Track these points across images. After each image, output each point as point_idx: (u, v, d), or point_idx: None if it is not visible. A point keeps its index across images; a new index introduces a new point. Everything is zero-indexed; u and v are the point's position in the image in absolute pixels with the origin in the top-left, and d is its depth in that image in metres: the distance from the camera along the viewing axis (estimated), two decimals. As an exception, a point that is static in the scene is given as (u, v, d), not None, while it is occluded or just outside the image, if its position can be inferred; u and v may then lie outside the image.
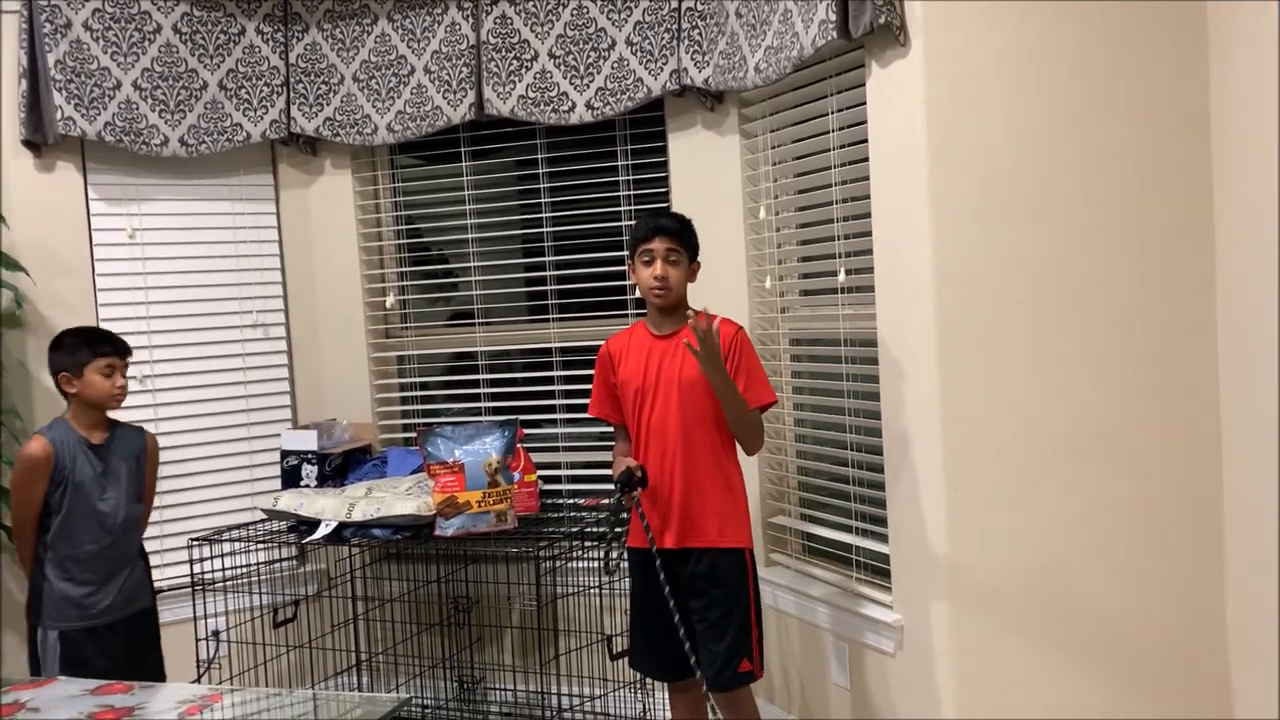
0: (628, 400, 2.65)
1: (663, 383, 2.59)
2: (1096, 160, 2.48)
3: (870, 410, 2.85)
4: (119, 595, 2.75)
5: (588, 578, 3.28)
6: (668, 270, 2.56)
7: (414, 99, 3.48)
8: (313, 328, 3.76)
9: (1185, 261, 2.50)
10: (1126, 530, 2.50)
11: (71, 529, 2.67)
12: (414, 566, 3.57)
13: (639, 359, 2.63)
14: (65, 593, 2.68)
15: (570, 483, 3.60)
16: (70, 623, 2.67)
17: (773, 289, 3.23)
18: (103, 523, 2.72)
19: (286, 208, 3.72)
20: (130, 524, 2.79)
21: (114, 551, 2.74)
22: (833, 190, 2.92)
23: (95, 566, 2.71)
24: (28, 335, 3.28)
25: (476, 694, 3.57)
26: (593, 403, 2.76)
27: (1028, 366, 2.51)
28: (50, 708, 1.99)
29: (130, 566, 2.79)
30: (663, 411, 2.58)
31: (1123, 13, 2.47)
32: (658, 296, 2.58)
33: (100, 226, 3.41)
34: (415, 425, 3.62)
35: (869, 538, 2.90)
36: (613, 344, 2.72)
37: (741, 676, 2.56)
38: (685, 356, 2.53)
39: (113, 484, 2.74)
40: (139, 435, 2.89)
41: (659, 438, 2.58)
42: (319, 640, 3.42)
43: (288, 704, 2.22)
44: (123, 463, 2.78)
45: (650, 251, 2.57)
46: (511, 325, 3.73)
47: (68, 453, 2.67)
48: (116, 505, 2.74)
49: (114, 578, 2.74)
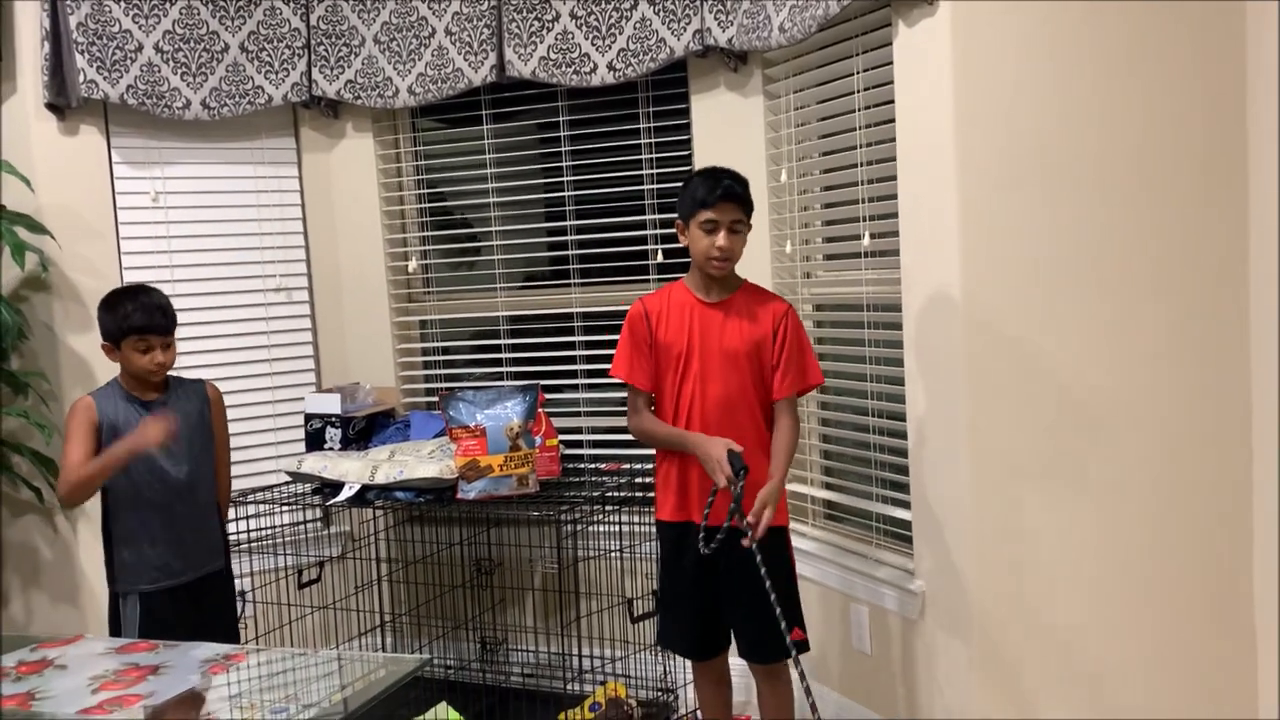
0: (664, 367, 2.49)
1: (706, 352, 2.45)
2: (1127, 122, 2.43)
3: (893, 376, 2.83)
4: (191, 556, 2.66)
5: (609, 541, 3.29)
6: (733, 243, 2.39)
7: (435, 61, 3.45)
8: (336, 292, 3.77)
9: (1217, 229, 2.45)
10: (1153, 500, 2.47)
11: (133, 491, 2.60)
12: (437, 529, 3.60)
13: (681, 323, 2.48)
14: (136, 556, 2.61)
15: (592, 448, 3.61)
16: (146, 585, 2.60)
17: (794, 253, 3.20)
18: (165, 481, 2.62)
19: (309, 171, 3.72)
20: (195, 482, 2.68)
21: (180, 511, 2.64)
22: (857, 153, 2.88)
23: (163, 527, 2.62)
24: (54, 299, 3.31)
25: (499, 655, 3.60)
26: (619, 364, 2.54)
27: (1054, 332, 2.48)
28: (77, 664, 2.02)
29: (202, 525, 2.70)
30: (706, 383, 2.44)
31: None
32: (716, 268, 2.42)
33: (124, 190, 3.42)
34: (438, 389, 3.63)
35: (890, 504, 2.89)
36: (650, 303, 2.53)
37: (794, 646, 2.43)
38: (733, 326, 2.44)
39: (173, 441, 2.60)
40: (199, 388, 2.76)
41: (700, 410, 2.44)
42: (343, 601, 3.46)
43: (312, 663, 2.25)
44: (182, 418, 2.65)
45: (714, 221, 2.38)
46: (533, 290, 3.72)
47: (114, 412, 2.59)
48: (177, 463, 2.64)
49: (184, 538, 2.65)
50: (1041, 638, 2.53)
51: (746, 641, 2.54)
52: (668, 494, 2.54)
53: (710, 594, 2.52)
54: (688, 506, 2.50)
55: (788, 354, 2.45)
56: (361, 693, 1.92)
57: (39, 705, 1.84)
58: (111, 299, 2.66)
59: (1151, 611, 2.48)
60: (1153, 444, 2.47)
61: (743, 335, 2.45)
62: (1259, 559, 2.46)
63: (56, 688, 1.93)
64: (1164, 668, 2.48)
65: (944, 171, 2.50)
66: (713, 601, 2.52)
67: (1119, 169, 2.43)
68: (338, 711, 1.85)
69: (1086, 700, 2.51)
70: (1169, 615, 2.47)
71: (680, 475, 2.50)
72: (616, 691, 3.17)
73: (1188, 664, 2.47)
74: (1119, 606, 2.49)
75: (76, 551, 3.34)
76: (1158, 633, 2.48)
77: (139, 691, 1.88)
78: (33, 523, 3.38)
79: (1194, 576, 2.47)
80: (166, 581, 2.62)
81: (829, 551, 3.06)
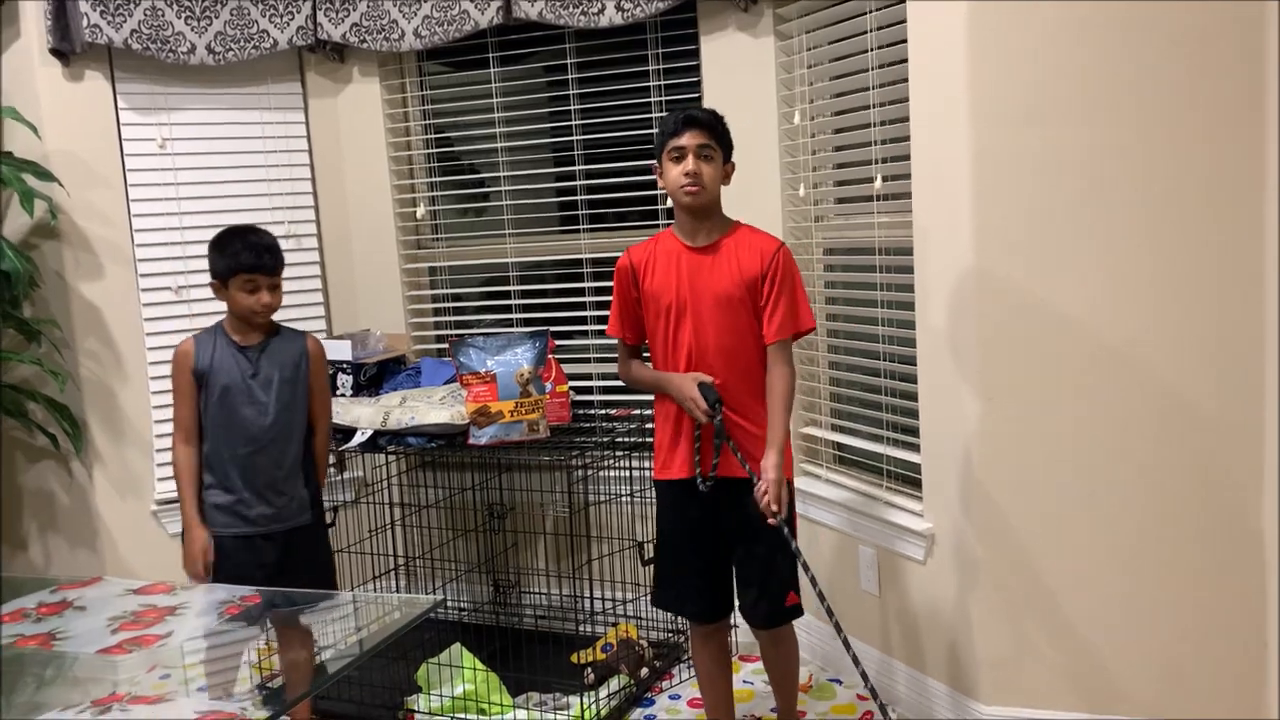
0: (654, 317, 2.44)
1: (698, 299, 2.37)
2: (1143, 59, 2.38)
3: (903, 320, 2.82)
4: (273, 508, 2.60)
5: (619, 486, 3.32)
6: (700, 166, 2.32)
7: (441, 3, 3.40)
8: (344, 238, 3.76)
9: (1235, 169, 2.40)
10: (1162, 445, 2.46)
11: (218, 433, 2.57)
12: (449, 474, 3.62)
13: (668, 271, 2.41)
14: (214, 499, 2.58)
15: (601, 394, 3.62)
16: (221, 529, 2.57)
17: (806, 197, 3.17)
18: (248, 429, 2.57)
19: (315, 117, 3.69)
20: (283, 433, 2.61)
21: (263, 461, 2.58)
22: (870, 94, 2.84)
23: (242, 475, 2.57)
24: (63, 246, 3.31)
25: (511, 597, 3.65)
26: (611, 321, 2.53)
27: (1066, 274, 2.46)
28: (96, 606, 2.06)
29: (288, 479, 2.63)
30: (699, 331, 2.38)
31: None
32: (688, 195, 2.34)
33: (130, 136, 3.40)
34: (447, 336, 3.63)
35: (900, 447, 2.89)
36: (635, 254, 2.47)
37: (789, 611, 2.47)
38: (722, 270, 2.38)
39: (262, 389, 2.58)
40: (299, 339, 2.69)
41: (696, 359, 2.39)
42: (357, 545, 3.50)
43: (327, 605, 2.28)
44: (275, 368, 2.60)
45: (681, 148, 2.33)
46: (542, 236, 3.70)
47: (211, 352, 2.56)
48: (264, 412, 2.58)
49: (266, 489, 2.59)
50: (1047, 581, 2.55)
51: (747, 605, 2.52)
52: (660, 454, 2.49)
53: (709, 552, 2.48)
54: (686, 465, 2.44)
55: (776, 292, 2.36)
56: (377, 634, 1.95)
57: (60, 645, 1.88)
58: (222, 239, 2.61)
59: (1159, 556, 2.48)
60: (1163, 389, 2.45)
61: (733, 279, 2.37)
62: (1266, 497, 2.45)
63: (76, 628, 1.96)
64: (1172, 612, 2.48)
65: (957, 110, 2.46)
66: (712, 560, 2.49)
67: (1134, 106, 2.39)
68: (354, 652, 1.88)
69: (1090, 643, 2.53)
70: (1177, 560, 2.47)
71: (676, 434, 2.44)
72: (628, 633, 3.21)
73: (1197, 608, 2.47)
74: (1126, 550, 2.49)
75: (93, 496, 3.38)
76: (1165, 577, 2.48)
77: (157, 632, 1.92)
78: (49, 468, 3.42)
79: (1203, 520, 2.47)
80: (240, 529, 2.58)
81: (839, 494, 3.08)
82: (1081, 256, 2.44)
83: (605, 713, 2.91)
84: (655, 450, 2.52)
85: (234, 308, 2.60)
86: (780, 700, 2.65)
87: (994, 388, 2.53)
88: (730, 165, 2.44)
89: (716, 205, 2.44)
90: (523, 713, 2.89)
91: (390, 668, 3.12)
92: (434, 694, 2.96)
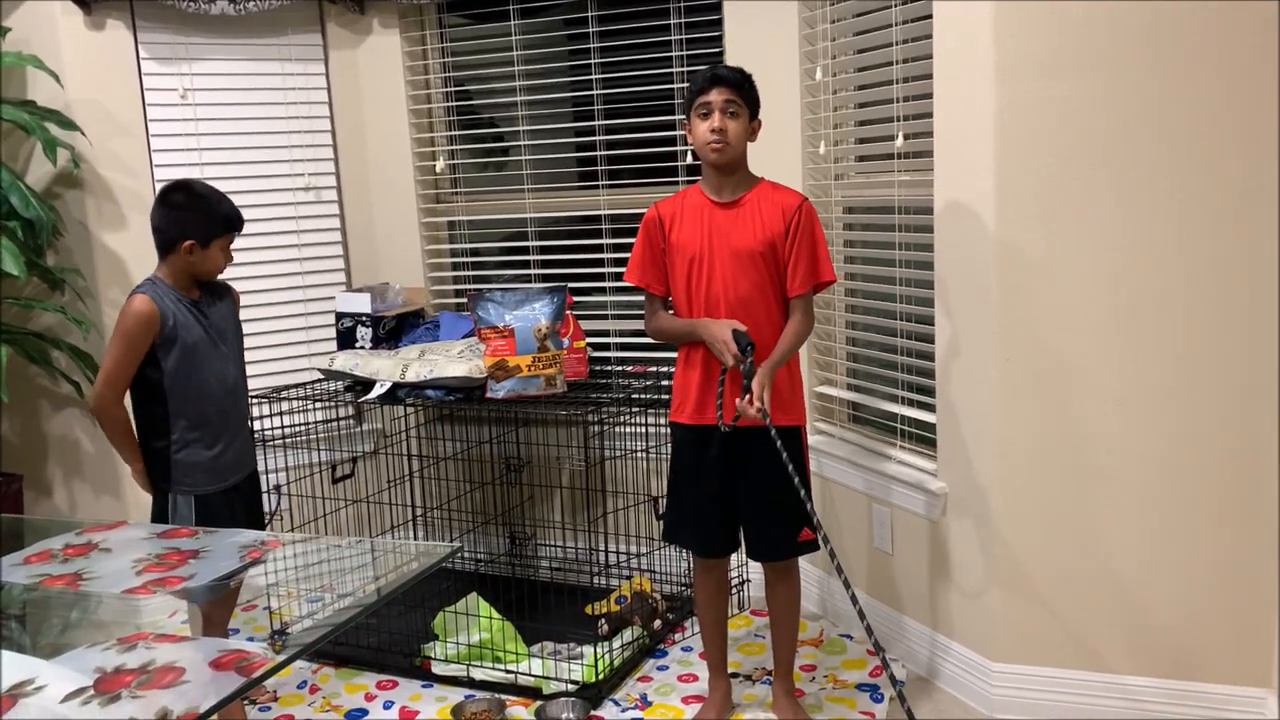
0: (679, 269, 2.51)
1: (722, 253, 2.45)
2: (1169, 11, 2.34)
3: (922, 280, 2.81)
4: (239, 455, 2.63)
5: (634, 441, 3.34)
6: (726, 123, 2.39)
7: (462, -46, 3.38)
8: (364, 191, 3.77)
9: (1261, 126, 2.37)
10: (1182, 403, 2.45)
11: (196, 392, 2.54)
12: (467, 427, 3.65)
13: (695, 225, 2.48)
14: (195, 458, 2.56)
15: (619, 350, 3.63)
16: (203, 487, 2.58)
17: (827, 155, 3.15)
18: (223, 381, 2.57)
19: (335, 69, 3.68)
20: (242, 381, 2.66)
21: (233, 411, 2.61)
22: (893, 50, 2.81)
23: (220, 428, 2.56)
24: (86, 195, 3.33)
25: (528, 549, 3.69)
26: (632, 268, 2.59)
27: (1089, 234, 2.44)
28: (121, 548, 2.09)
29: (245, 426, 2.67)
30: (721, 284, 2.45)
31: None
32: (715, 151, 2.41)
33: (152, 86, 3.41)
34: (466, 290, 3.64)
35: (915, 407, 2.90)
36: (664, 207, 2.55)
37: (803, 545, 2.54)
38: (745, 225, 2.44)
39: (221, 341, 2.58)
40: (226, 288, 2.68)
41: (716, 311, 2.45)
42: (376, 496, 3.54)
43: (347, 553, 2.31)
44: (222, 319, 2.60)
45: (708, 104, 2.40)
46: (561, 191, 3.70)
47: (173, 312, 2.50)
48: (227, 364, 2.59)
49: (235, 439, 2.61)
50: (1060, 538, 2.56)
51: (757, 539, 2.57)
52: (684, 397, 2.54)
53: (722, 492, 2.54)
54: (706, 410, 2.50)
55: (799, 247, 2.44)
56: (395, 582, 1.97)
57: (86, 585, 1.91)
58: (195, 200, 2.52)
59: (1175, 511, 2.48)
60: (1186, 349, 2.44)
61: (755, 235, 2.43)
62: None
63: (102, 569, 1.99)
64: (1190, 572, 2.49)
65: (981, 66, 2.44)
66: (725, 499, 2.55)
67: (1160, 60, 2.35)
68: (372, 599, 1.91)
69: (1104, 598, 2.55)
70: (1194, 515, 2.47)
71: (701, 378, 2.50)
72: (642, 585, 3.25)
73: (1217, 567, 2.47)
74: (1141, 512, 2.50)
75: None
76: (1182, 537, 2.49)
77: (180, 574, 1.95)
78: (73, 416, 3.47)
79: (1221, 476, 2.46)
80: (220, 484, 2.60)
81: (853, 453, 3.09)
82: (1106, 214, 2.42)
83: (619, 663, 2.95)
84: (675, 393, 2.58)
85: (203, 267, 2.52)
86: (779, 651, 2.66)
87: (1013, 348, 2.53)
88: (757, 123, 2.48)
89: (742, 161, 2.48)
90: (537, 661, 2.93)
91: (408, 615, 3.18)
92: (450, 641, 3.01)
